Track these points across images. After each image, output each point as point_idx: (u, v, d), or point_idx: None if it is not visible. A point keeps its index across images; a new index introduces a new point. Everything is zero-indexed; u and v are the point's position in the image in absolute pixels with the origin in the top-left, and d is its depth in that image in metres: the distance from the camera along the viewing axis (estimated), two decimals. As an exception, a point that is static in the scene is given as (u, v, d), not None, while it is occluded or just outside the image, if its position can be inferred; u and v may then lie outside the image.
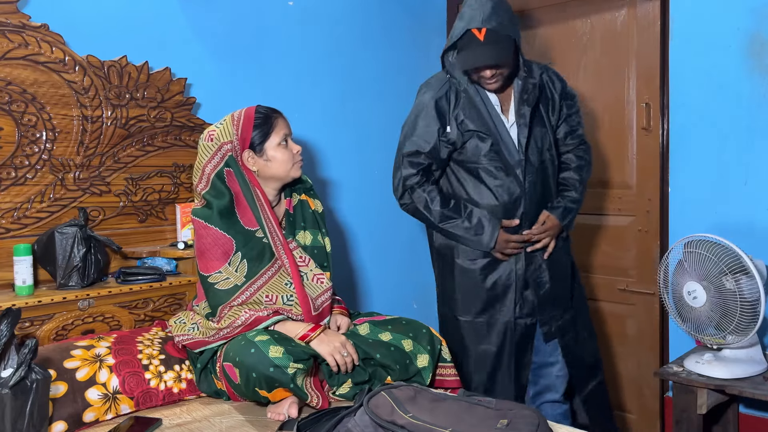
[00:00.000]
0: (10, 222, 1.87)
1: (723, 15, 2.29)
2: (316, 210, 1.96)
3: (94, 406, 1.62)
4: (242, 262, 1.74)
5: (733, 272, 1.90)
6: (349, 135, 2.88)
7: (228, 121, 1.83)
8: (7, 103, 1.83)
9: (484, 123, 2.04)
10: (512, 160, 2.05)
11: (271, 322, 1.69)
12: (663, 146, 2.60)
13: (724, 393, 2.02)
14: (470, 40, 1.91)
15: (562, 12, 2.86)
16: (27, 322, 1.75)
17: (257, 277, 1.74)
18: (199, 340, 1.74)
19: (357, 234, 2.92)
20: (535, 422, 1.37)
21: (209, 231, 1.75)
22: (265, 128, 1.81)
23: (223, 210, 1.76)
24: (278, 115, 1.86)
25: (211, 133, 1.82)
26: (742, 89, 2.27)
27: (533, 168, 2.08)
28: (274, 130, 1.82)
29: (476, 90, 2.06)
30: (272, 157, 1.81)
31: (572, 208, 2.15)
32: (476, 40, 1.90)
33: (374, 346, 1.75)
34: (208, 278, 1.73)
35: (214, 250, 1.74)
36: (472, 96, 2.04)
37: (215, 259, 1.74)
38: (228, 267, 1.73)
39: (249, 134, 1.80)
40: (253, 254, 1.75)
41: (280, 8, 2.60)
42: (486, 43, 1.89)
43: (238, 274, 1.73)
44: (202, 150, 1.81)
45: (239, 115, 1.83)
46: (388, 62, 3.04)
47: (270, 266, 1.77)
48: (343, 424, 1.43)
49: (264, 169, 1.82)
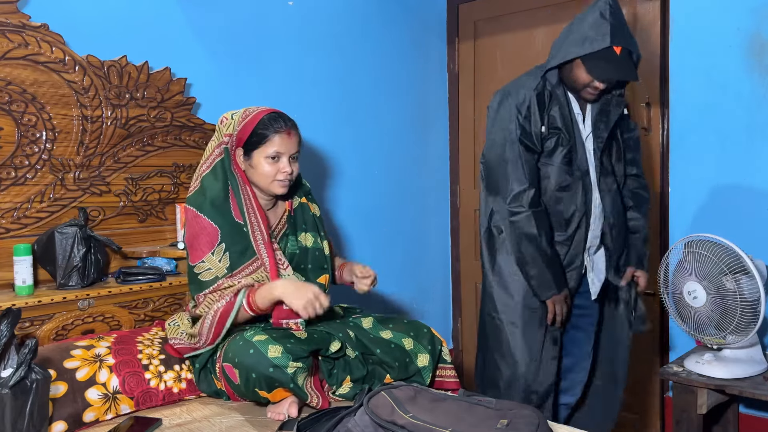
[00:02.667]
0: (10, 222, 1.87)
1: (723, 15, 2.30)
2: (315, 214, 1.96)
3: (94, 406, 1.62)
4: (225, 254, 1.72)
5: (734, 272, 1.90)
6: (349, 135, 2.88)
7: (239, 115, 1.84)
8: (7, 103, 1.83)
9: (566, 126, 2.04)
10: (583, 167, 2.06)
11: (235, 309, 1.65)
12: (663, 146, 2.60)
13: (724, 393, 2.02)
14: (607, 54, 1.93)
15: (562, 12, 2.86)
16: (27, 322, 1.75)
17: (238, 271, 1.73)
18: (188, 346, 1.76)
19: (358, 234, 2.92)
20: (535, 422, 1.37)
21: (199, 220, 1.75)
22: (260, 136, 1.79)
23: (215, 198, 1.75)
24: (281, 131, 1.79)
25: (224, 119, 1.85)
26: (742, 89, 2.27)
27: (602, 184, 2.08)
28: (267, 142, 1.79)
29: (564, 93, 2.07)
30: (256, 164, 1.80)
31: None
32: (614, 55, 1.92)
33: (375, 342, 1.75)
34: (194, 268, 1.74)
35: (200, 239, 1.74)
36: (560, 97, 2.05)
37: (201, 246, 1.73)
38: (211, 256, 1.72)
39: (245, 136, 1.80)
40: (238, 248, 1.74)
41: (280, 8, 2.60)
42: (621, 59, 1.93)
43: (221, 265, 1.71)
44: (216, 133, 1.86)
45: (251, 113, 1.83)
46: (388, 62, 3.04)
47: (251, 262, 1.75)
48: (343, 424, 1.43)
49: (249, 173, 1.83)
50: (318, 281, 1.87)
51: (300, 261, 1.88)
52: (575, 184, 2.05)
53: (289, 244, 1.89)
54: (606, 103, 2.09)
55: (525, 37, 3.01)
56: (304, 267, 1.89)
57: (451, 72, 3.35)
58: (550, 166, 2.05)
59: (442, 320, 3.38)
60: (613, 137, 2.13)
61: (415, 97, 3.20)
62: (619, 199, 2.13)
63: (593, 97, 2.04)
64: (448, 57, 3.35)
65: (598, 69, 1.94)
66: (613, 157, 2.13)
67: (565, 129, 2.03)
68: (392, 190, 3.08)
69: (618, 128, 2.14)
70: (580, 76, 1.99)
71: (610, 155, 2.12)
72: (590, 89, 2.01)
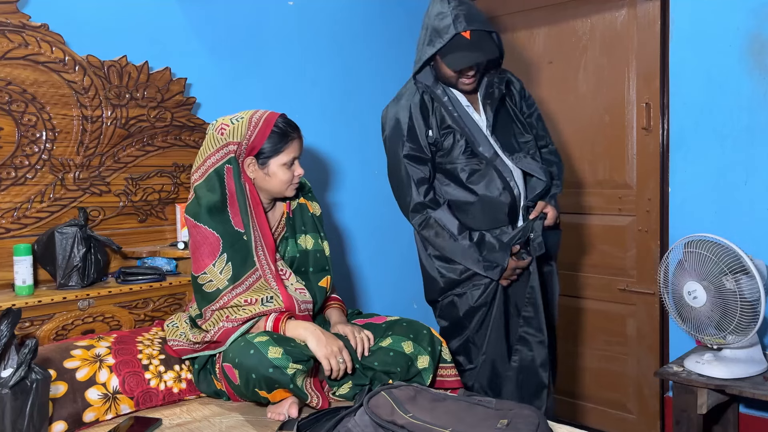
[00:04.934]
0: (10, 222, 1.87)
1: (723, 15, 2.29)
2: (315, 213, 1.94)
3: (94, 406, 1.62)
4: (227, 265, 1.70)
5: (734, 272, 1.90)
6: (349, 135, 2.88)
7: (244, 122, 1.76)
8: (7, 103, 1.83)
9: (455, 121, 2.07)
10: (488, 154, 2.07)
11: (239, 333, 1.66)
12: (663, 146, 2.60)
13: (724, 393, 2.02)
14: (458, 42, 1.96)
15: (562, 12, 2.86)
16: (27, 322, 1.75)
17: (239, 282, 1.71)
18: (186, 348, 1.76)
19: (357, 234, 2.92)
20: (535, 422, 1.37)
21: (199, 229, 1.72)
22: (278, 144, 1.76)
23: (211, 206, 1.71)
24: (296, 136, 1.80)
25: (223, 126, 1.76)
26: (742, 89, 2.27)
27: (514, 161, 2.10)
28: (285, 149, 1.77)
29: (444, 91, 2.09)
30: (273, 173, 1.78)
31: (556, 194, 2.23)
32: (465, 41, 1.95)
33: (374, 354, 1.74)
34: (197, 279, 1.72)
35: (202, 249, 1.71)
36: (440, 96, 2.08)
37: (203, 257, 1.71)
38: (213, 268, 1.70)
39: (260, 144, 1.75)
40: (239, 257, 1.72)
41: (280, 8, 2.60)
42: (474, 42, 1.95)
43: (222, 277, 1.69)
44: (209, 140, 1.76)
45: (258, 119, 1.77)
46: (388, 62, 3.04)
47: (252, 272, 1.73)
48: (343, 424, 1.43)
49: (260, 181, 1.80)
50: (319, 284, 1.87)
51: (301, 264, 1.88)
52: (487, 171, 2.07)
53: (288, 248, 1.88)
54: (489, 85, 2.11)
55: (525, 37, 3.01)
56: (305, 270, 1.88)
57: (451, 72, 3.34)
58: (456, 163, 2.08)
59: (442, 320, 3.38)
60: (509, 115, 2.16)
61: (415, 97, 3.19)
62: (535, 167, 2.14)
63: (472, 85, 2.06)
64: (448, 57, 3.35)
65: (455, 60, 1.97)
66: (516, 134, 2.16)
67: (455, 123, 2.06)
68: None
69: (515, 106, 2.19)
70: (446, 72, 2.03)
71: (511, 134, 2.14)
72: (463, 80, 2.04)
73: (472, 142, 2.07)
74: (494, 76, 2.14)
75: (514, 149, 2.13)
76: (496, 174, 2.07)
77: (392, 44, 3.06)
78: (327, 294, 1.90)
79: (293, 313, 1.73)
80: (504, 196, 2.07)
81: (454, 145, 2.07)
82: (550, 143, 2.31)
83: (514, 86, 2.24)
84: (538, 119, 2.29)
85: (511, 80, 2.23)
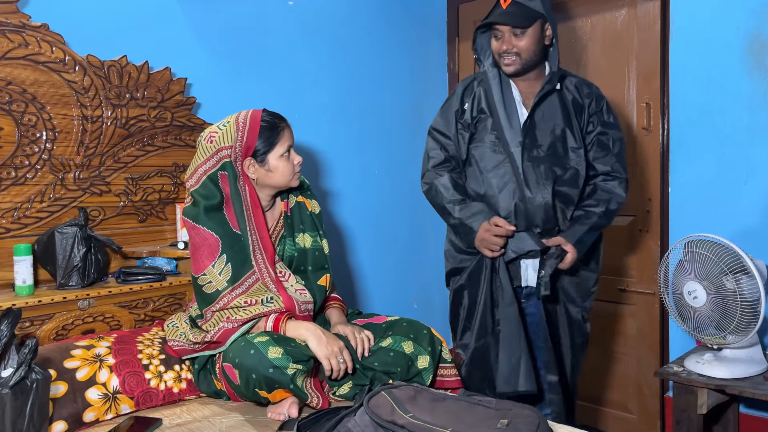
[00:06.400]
0: (10, 222, 1.87)
1: (723, 15, 2.29)
2: (313, 211, 1.94)
3: (94, 406, 1.62)
4: (227, 266, 1.70)
5: (734, 272, 1.90)
6: (349, 135, 2.88)
7: (232, 125, 1.77)
8: (7, 103, 1.83)
9: (489, 104, 2.04)
10: (511, 144, 1.99)
11: (239, 333, 1.66)
12: (663, 146, 2.60)
13: (724, 393, 2.02)
14: (494, 9, 2.03)
15: (562, 12, 2.86)
16: (27, 322, 1.75)
17: (239, 283, 1.71)
18: (186, 348, 1.76)
19: (358, 234, 2.92)
20: (535, 422, 1.37)
21: (198, 231, 1.73)
22: (270, 138, 1.77)
23: (209, 208, 1.72)
24: (284, 126, 1.81)
25: (212, 135, 1.77)
26: (742, 89, 2.27)
27: (536, 156, 1.99)
28: (279, 141, 1.78)
29: (498, 76, 2.07)
30: (274, 167, 1.79)
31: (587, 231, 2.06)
32: (499, 8, 2.01)
33: (374, 354, 1.74)
34: (197, 280, 1.73)
35: (202, 250, 1.72)
36: (489, 79, 2.07)
37: (203, 259, 1.71)
38: (212, 269, 1.70)
39: (253, 142, 1.76)
40: (239, 258, 1.72)
41: (280, 8, 2.61)
42: (506, 10, 1.99)
43: (221, 278, 1.70)
44: (200, 149, 1.78)
45: (244, 120, 1.78)
46: (388, 62, 3.04)
47: (251, 274, 1.74)
48: (343, 424, 1.43)
49: (264, 178, 1.80)
50: (318, 283, 1.87)
51: (300, 263, 1.88)
52: (503, 164, 2.01)
53: (287, 247, 1.88)
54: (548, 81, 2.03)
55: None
56: (304, 269, 1.88)
57: (451, 72, 3.34)
58: (481, 147, 2.06)
59: (442, 320, 3.38)
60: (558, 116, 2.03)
61: (416, 97, 3.20)
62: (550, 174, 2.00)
63: (511, 67, 2.02)
64: (448, 57, 3.35)
65: (486, 18, 2.03)
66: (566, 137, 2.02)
67: (488, 108, 2.05)
68: (392, 189, 3.08)
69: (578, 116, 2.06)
70: (491, 46, 2.08)
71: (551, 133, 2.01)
72: (501, 57, 2.03)
73: (498, 128, 2.01)
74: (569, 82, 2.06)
75: (543, 151, 2.00)
76: (511, 169, 2.00)
77: (392, 44, 3.06)
78: (326, 293, 1.90)
79: (293, 314, 1.74)
80: (504, 196, 2.00)
81: (485, 128, 2.05)
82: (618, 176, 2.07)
83: (588, 97, 2.08)
84: (601, 145, 2.07)
85: (589, 92, 2.09)
